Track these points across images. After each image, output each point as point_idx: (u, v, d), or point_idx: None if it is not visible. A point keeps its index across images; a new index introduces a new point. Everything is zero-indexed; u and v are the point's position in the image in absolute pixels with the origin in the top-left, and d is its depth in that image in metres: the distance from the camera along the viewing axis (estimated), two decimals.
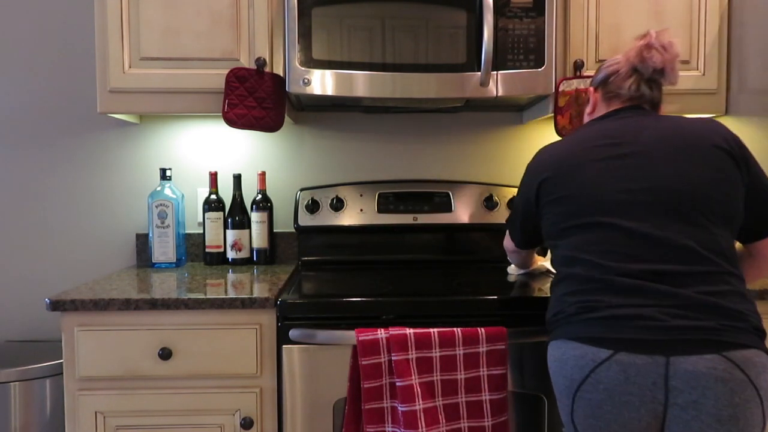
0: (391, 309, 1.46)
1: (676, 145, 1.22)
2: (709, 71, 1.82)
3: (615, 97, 1.36)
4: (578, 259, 1.21)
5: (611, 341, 1.11)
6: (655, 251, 1.15)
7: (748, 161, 1.25)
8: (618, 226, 1.18)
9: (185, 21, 1.73)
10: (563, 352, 1.17)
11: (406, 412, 1.32)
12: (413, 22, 1.68)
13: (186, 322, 1.48)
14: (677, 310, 1.11)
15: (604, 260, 1.17)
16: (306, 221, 2.01)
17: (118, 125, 2.10)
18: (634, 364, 1.09)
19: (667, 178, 1.19)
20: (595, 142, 1.27)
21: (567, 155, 1.29)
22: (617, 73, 1.34)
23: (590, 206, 1.22)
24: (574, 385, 1.15)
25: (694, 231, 1.16)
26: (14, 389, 1.78)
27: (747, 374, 1.08)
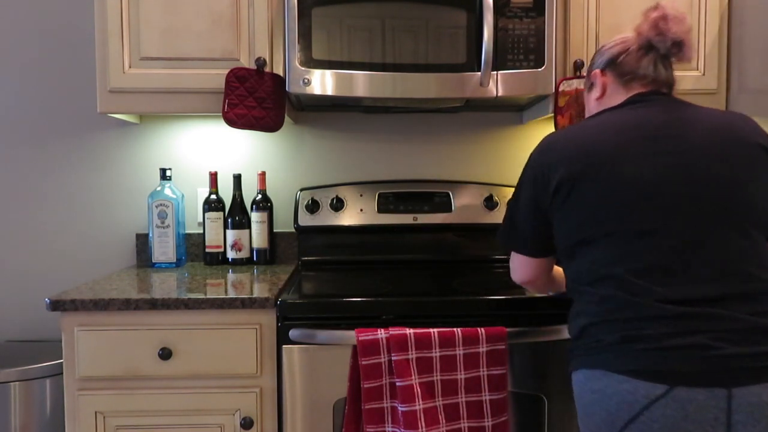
0: (391, 309, 1.46)
1: (726, 144, 1.09)
2: (709, 71, 1.82)
3: (634, 79, 1.20)
4: (614, 275, 1.06)
5: (666, 375, 0.99)
6: (706, 269, 1.03)
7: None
8: (663, 236, 1.04)
9: (185, 21, 1.73)
10: (605, 385, 1.04)
11: (406, 412, 1.32)
12: (413, 22, 1.68)
13: (186, 322, 1.48)
14: (734, 336, 1.00)
15: (648, 279, 1.03)
16: (306, 221, 2.01)
17: (118, 125, 2.10)
18: (694, 399, 0.98)
19: (720, 182, 1.06)
20: (629, 134, 1.11)
21: (594, 147, 1.10)
22: (627, 51, 1.20)
23: (628, 211, 1.06)
24: (619, 423, 1.02)
25: (745, 245, 1.05)
26: (14, 389, 1.78)
27: None
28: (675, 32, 1.15)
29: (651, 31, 1.17)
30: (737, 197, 1.06)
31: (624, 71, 1.21)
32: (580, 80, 1.76)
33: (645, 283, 1.03)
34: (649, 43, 1.19)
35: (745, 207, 1.06)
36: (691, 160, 1.07)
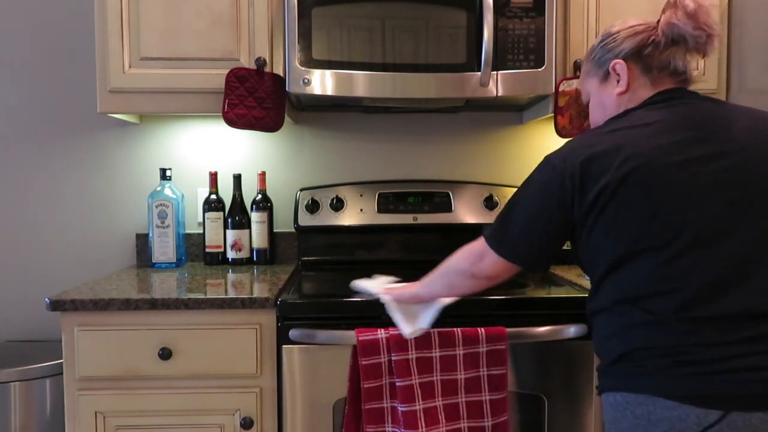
0: None
1: (758, 141, 1.01)
2: (709, 71, 1.82)
3: (664, 74, 1.10)
4: (657, 292, 0.98)
5: (720, 399, 0.93)
6: (758, 283, 0.96)
7: None
8: (723, 248, 0.96)
9: (185, 21, 1.73)
10: (651, 411, 0.96)
11: (406, 412, 1.32)
12: (413, 22, 1.68)
13: (186, 322, 1.48)
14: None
15: (704, 297, 0.96)
16: (306, 221, 2.01)
17: (118, 125, 2.10)
18: (750, 424, 0.92)
19: (760, 190, 0.98)
20: (674, 135, 1.01)
21: (639, 150, 1.00)
22: (655, 43, 1.09)
23: (679, 222, 0.97)
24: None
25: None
26: (14, 389, 1.78)
27: None
28: (711, 25, 1.06)
29: (689, 24, 1.05)
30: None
31: (653, 65, 1.10)
32: None
33: (700, 302, 0.96)
34: (682, 35, 1.07)
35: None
36: (742, 161, 0.99)
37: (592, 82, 1.19)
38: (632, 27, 1.12)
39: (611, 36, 1.15)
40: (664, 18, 1.08)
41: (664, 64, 1.10)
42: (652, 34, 1.10)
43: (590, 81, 1.20)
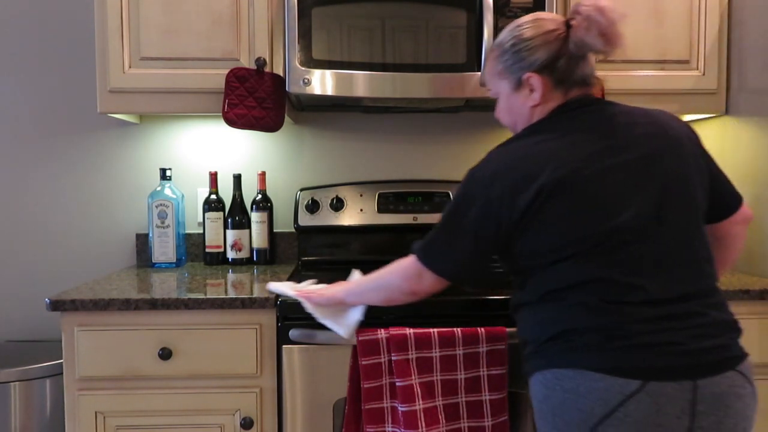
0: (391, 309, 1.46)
1: (668, 142, 1.11)
2: (709, 71, 1.82)
3: (572, 84, 1.15)
4: (590, 281, 1.07)
5: (639, 371, 1.02)
6: (678, 268, 1.08)
7: (703, 146, 1.18)
8: (641, 241, 1.07)
9: (185, 21, 1.73)
10: (578, 384, 1.05)
11: (406, 412, 1.32)
12: (413, 22, 1.68)
13: (186, 322, 1.48)
14: (698, 330, 1.05)
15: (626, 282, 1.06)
16: (306, 221, 2.01)
17: (118, 125, 2.10)
18: (665, 393, 1.02)
19: (677, 180, 1.09)
20: (589, 147, 1.09)
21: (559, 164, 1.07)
22: (566, 56, 1.12)
23: (603, 225, 1.06)
24: (593, 419, 1.04)
25: (699, 240, 1.11)
26: (14, 389, 1.78)
27: (752, 385, 1.08)
28: (620, 39, 1.10)
29: (599, 40, 1.09)
30: (690, 193, 1.10)
31: (565, 77, 1.14)
32: None
33: (626, 290, 1.06)
34: (592, 49, 1.11)
35: (695, 202, 1.11)
36: (650, 161, 1.08)
37: (502, 84, 1.21)
38: (545, 34, 1.13)
39: (524, 42, 1.15)
40: (576, 32, 1.10)
41: (575, 75, 1.14)
42: (564, 44, 1.12)
43: (501, 83, 1.21)
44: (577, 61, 1.13)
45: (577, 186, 1.06)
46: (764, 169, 1.70)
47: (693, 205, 1.11)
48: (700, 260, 1.10)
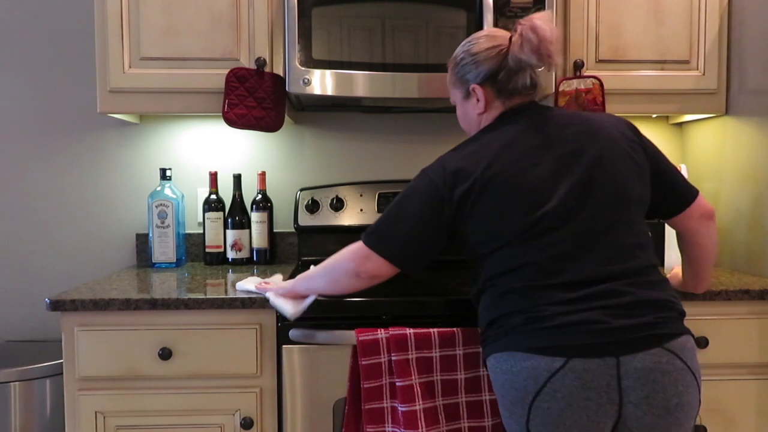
0: (391, 309, 1.46)
1: (596, 140, 1.21)
2: (709, 71, 1.82)
3: (513, 94, 1.27)
4: (518, 267, 1.17)
5: (563, 349, 1.11)
6: (595, 253, 1.16)
7: (646, 145, 1.27)
8: (565, 230, 1.17)
9: (185, 21, 1.73)
10: (512, 365, 1.14)
11: (407, 412, 1.32)
12: (413, 22, 1.68)
13: (186, 322, 1.48)
14: (620, 310, 1.13)
15: (550, 268, 1.15)
16: (306, 221, 2.01)
17: (118, 125, 2.10)
18: (589, 369, 1.09)
19: (600, 175, 1.19)
20: (522, 147, 1.21)
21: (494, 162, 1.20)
22: (506, 69, 1.24)
23: (533, 214, 1.17)
24: (529, 396, 1.13)
25: (628, 226, 1.19)
26: (14, 389, 1.78)
27: (684, 361, 1.13)
28: (552, 56, 1.20)
29: (533, 56, 1.20)
30: (618, 184, 1.19)
31: (504, 88, 1.27)
32: (580, 80, 1.76)
33: (550, 273, 1.15)
34: (528, 64, 1.23)
35: (625, 192, 1.19)
36: (576, 158, 1.19)
37: (456, 93, 1.36)
38: (488, 49, 1.26)
39: (471, 56, 1.28)
40: (512, 49, 1.23)
41: (514, 86, 1.26)
42: (504, 59, 1.24)
43: (455, 92, 1.36)
44: (516, 74, 1.25)
45: (505, 182, 1.18)
46: (764, 169, 1.70)
47: (621, 195, 1.19)
48: (627, 244, 1.18)
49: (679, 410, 1.12)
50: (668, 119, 2.17)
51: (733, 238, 1.84)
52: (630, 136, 1.26)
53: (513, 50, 1.22)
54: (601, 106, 1.77)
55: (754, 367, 1.57)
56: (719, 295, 1.54)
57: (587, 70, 1.79)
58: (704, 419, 1.57)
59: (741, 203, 1.81)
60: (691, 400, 1.14)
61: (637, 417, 1.11)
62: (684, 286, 1.50)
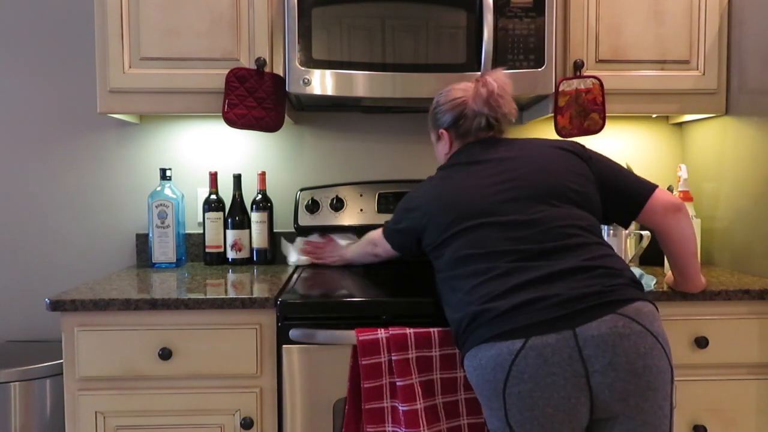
0: (390, 309, 1.46)
1: (529, 149, 1.38)
2: (709, 71, 1.82)
3: (467, 135, 1.45)
4: (468, 257, 1.26)
5: (520, 330, 1.14)
6: (532, 236, 1.24)
7: (591, 156, 1.39)
8: (494, 222, 1.26)
9: (185, 21, 1.73)
10: (479, 358, 1.19)
11: (407, 411, 1.32)
12: (413, 22, 1.68)
13: (186, 322, 1.48)
14: (568, 283, 1.17)
15: (490, 257, 1.23)
16: (306, 221, 2.01)
17: (118, 125, 2.10)
18: (548, 344, 1.13)
19: (526, 173, 1.31)
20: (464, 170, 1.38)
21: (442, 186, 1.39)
22: (465, 116, 1.43)
23: (466, 211, 1.30)
24: (500, 385, 1.16)
25: (559, 212, 1.27)
26: (14, 389, 1.78)
27: (642, 324, 1.15)
28: (501, 107, 1.40)
29: (484, 107, 1.40)
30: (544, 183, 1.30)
31: (463, 131, 1.45)
32: (580, 80, 1.76)
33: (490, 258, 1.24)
34: (481, 113, 1.42)
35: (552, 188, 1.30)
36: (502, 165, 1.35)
37: (432, 135, 1.54)
38: (453, 100, 1.45)
39: (439, 106, 1.49)
40: (468, 101, 1.43)
41: (468, 129, 1.45)
42: (465, 107, 1.43)
43: (431, 134, 1.54)
44: (474, 119, 1.43)
45: (449, 195, 1.35)
46: (764, 169, 1.70)
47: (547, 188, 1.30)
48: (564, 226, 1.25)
49: (647, 373, 1.13)
50: (668, 119, 2.17)
51: (733, 238, 1.84)
52: (571, 148, 1.39)
53: (468, 102, 1.43)
54: (601, 106, 1.77)
55: (754, 367, 1.57)
56: (719, 295, 1.54)
57: (587, 70, 1.79)
58: (704, 419, 1.57)
59: (741, 203, 1.81)
60: (658, 363, 1.14)
61: (607, 385, 1.12)
62: (677, 286, 1.50)
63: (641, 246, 1.75)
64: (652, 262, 1.89)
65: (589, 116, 1.78)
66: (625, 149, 2.17)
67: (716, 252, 1.93)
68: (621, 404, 1.13)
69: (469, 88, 1.45)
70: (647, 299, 1.20)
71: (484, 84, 1.40)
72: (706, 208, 1.98)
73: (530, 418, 1.14)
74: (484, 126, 1.43)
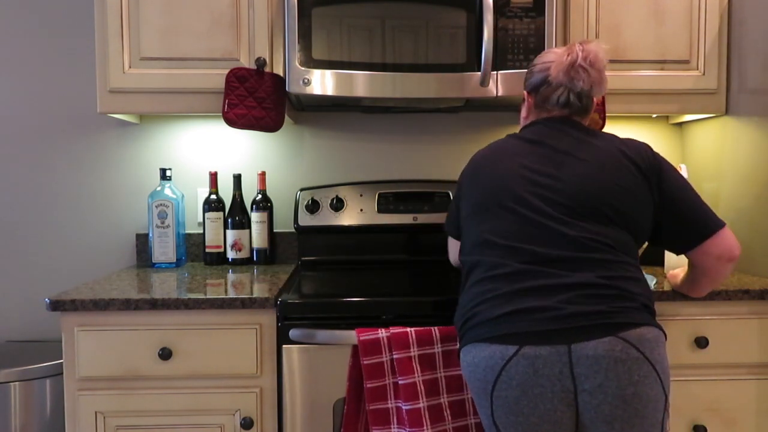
0: (391, 309, 1.46)
1: (593, 148, 1.27)
2: (709, 71, 1.82)
3: (546, 105, 1.36)
4: (489, 243, 1.24)
5: (516, 337, 1.14)
6: (553, 241, 1.19)
7: (661, 174, 1.27)
8: (523, 214, 1.22)
9: (185, 21, 1.73)
10: (473, 356, 1.19)
11: (410, 410, 1.32)
12: (413, 22, 1.68)
13: (186, 322, 1.48)
14: (572, 297, 1.14)
15: (506, 252, 1.21)
16: (306, 221, 2.01)
17: (118, 125, 2.10)
18: (540, 356, 1.12)
19: (575, 176, 1.24)
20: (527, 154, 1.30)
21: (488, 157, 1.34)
22: (548, 83, 1.33)
23: (502, 193, 1.25)
24: (489, 386, 1.16)
25: (590, 225, 1.21)
26: (14, 389, 1.78)
27: (641, 351, 1.13)
28: (583, 82, 1.28)
29: (564, 77, 1.30)
30: (588, 192, 1.22)
31: (542, 100, 1.36)
32: None
33: (497, 263, 1.21)
34: (561, 83, 1.31)
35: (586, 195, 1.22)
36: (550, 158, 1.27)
37: (524, 94, 1.44)
38: (543, 63, 1.35)
39: (531, 66, 1.40)
40: (551, 67, 1.32)
41: (549, 99, 1.34)
42: (549, 74, 1.32)
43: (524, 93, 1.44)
44: (554, 90, 1.32)
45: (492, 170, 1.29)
46: (764, 169, 1.70)
47: (583, 197, 1.22)
48: (593, 243, 1.19)
49: (636, 401, 1.11)
50: (668, 119, 2.17)
51: None
52: (631, 157, 1.27)
53: (551, 69, 1.32)
54: (601, 106, 1.77)
55: (754, 367, 1.57)
56: (719, 295, 1.54)
57: None
58: (704, 419, 1.57)
59: (741, 203, 1.81)
60: (649, 392, 1.13)
61: (593, 406, 1.11)
62: (680, 289, 1.50)
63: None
64: (652, 262, 1.89)
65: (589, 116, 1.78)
66: None
67: None
68: (606, 426, 1.12)
69: (563, 53, 1.33)
70: (655, 324, 1.18)
71: (571, 52, 1.29)
72: None
73: (515, 423, 1.15)
74: (563, 102, 1.32)
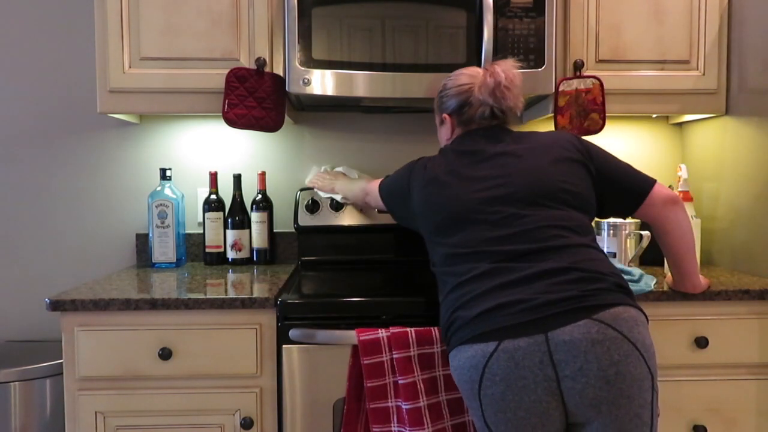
0: (391, 309, 1.46)
1: (529, 143, 1.36)
2: (709, 71, 1.82)
3: (469, 122, 1.43)
4: (456, 255, 1.27)
5: (494, 333, 1.15)
6: (516, 237, 1.23)
7: (590, 151, 1.37)
8: (482, 221, 1.27)
9: (185, 21, 1.73)
10: (458, 359, 1.20)
11: (411, 409, 1.32)
12: (413, 22, 1.68)
13: (186, 322, 1.48)
14: (543, 287, 1.16)
15: (474, 257, 1.24)
16: (306, 221, 2.01)
17: (118, 125, 2.10)
18: (519, 347, 1.13)
19: (520, 171, 1.30)
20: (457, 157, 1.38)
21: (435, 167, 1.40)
22: (469, 104, 1.41)
23: (457, 210, 1.30)
24: (476, 386, 1.17)
25: (548, 213, 1.26)
26: (14, 389, 1.78)
27: (619, 330, 1.13)
28: (504, 95, 1.38)
29: (489, 98, 1.39)
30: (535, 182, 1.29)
31: (466, 119, 1.43)
32: (580, 80, 1.76)
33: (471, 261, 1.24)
34: (484, 102, 1.40)
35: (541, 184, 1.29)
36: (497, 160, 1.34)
37: (436, 119, 1.53)
38: (460, 86, 1.43)
39: (445, 90, 1.47)
40: (477, 86, 1.40)
41: (475, 117, 1.42)
42: (471, 95, 1.41)
43: (436, 117, 1.53)
44: (477, 108, 1.41)
45: (440, 193, 1.34)
46: (764, 169, 1.70)
47: (538, 186, 1.28)
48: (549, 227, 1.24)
49: (620, 380, 1.11)
50: (668, 119, 2.17)
51: (733, 238, 1.84)
52: (572, 141, 1.36)
53: (474, 90, 1.40)
54: (601, 106, 1.77)
55: (754, 367, 1.57)
56: (719, 295, 1.54)
57: (587, 70, 1.79)
58: (704, 419, 1.57)
59: (741, 203, 1.81)
60: (633, 371, 1.12)
61: (577, 390, 1.12)
62: (676, 286, 1.50)
63: (641, 246, 1.75)
64: (652, 262, 1.89)
65: (589, 116, 1.78)
66: (625, 149, 2.17)
67: (716, 252, 1.93)
68: (593, 410, 1.12)
69: (477, 75, 1.42)
70: (631, 304, 1.18)
71: (492, 74, 1.39)
72: (706, 208, 1.98)
73: (504, 420, 1.16)
74: (487, 116, 1.41)
